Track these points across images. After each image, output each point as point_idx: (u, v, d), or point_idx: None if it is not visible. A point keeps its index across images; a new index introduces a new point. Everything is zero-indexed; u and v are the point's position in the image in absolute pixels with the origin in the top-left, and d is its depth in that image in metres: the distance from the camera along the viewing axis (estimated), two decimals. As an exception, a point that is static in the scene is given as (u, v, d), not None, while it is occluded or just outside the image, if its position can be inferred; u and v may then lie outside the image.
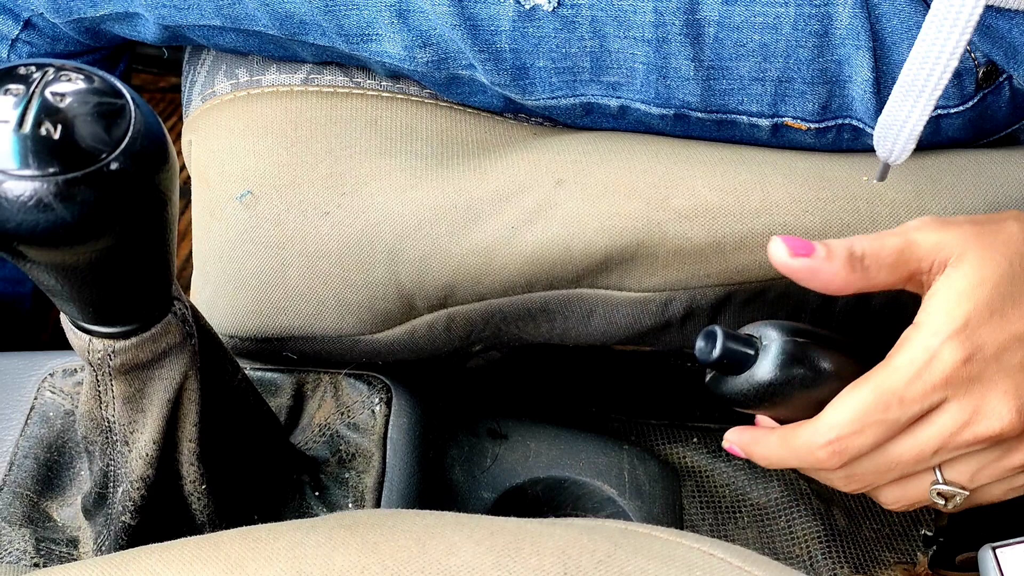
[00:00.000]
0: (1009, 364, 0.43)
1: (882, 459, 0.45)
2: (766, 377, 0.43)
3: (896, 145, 0.50)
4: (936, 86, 0.46)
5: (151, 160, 0.35)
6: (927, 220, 0.45)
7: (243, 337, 0.58)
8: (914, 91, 0.47)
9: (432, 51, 0.56)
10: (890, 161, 0.51)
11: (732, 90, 0.57)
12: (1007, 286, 0.43)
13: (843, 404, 0.44)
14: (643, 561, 0.36)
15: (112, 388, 0.42)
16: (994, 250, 0.43)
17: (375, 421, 0.56)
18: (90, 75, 0.35)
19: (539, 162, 0.58)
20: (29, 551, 0.49)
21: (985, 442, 0.44)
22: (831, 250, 0.44)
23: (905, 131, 0.49)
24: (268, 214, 0.57)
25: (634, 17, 0.54)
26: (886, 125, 0.49)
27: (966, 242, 0.44)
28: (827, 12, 0.54)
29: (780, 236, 0.44)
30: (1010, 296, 0.43)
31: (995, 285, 0.43)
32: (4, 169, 0.32)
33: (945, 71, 0.46)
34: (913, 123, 0.48)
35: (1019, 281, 0.43)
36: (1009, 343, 0.43)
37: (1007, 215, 0.45)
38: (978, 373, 0.43)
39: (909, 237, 0.45)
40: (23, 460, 0.52)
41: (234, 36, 0.59)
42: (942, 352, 0.42)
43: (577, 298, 0.59)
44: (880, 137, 0.50)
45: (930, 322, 0.43)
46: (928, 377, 0.43)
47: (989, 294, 0.43)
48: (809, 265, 0.44)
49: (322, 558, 0.35)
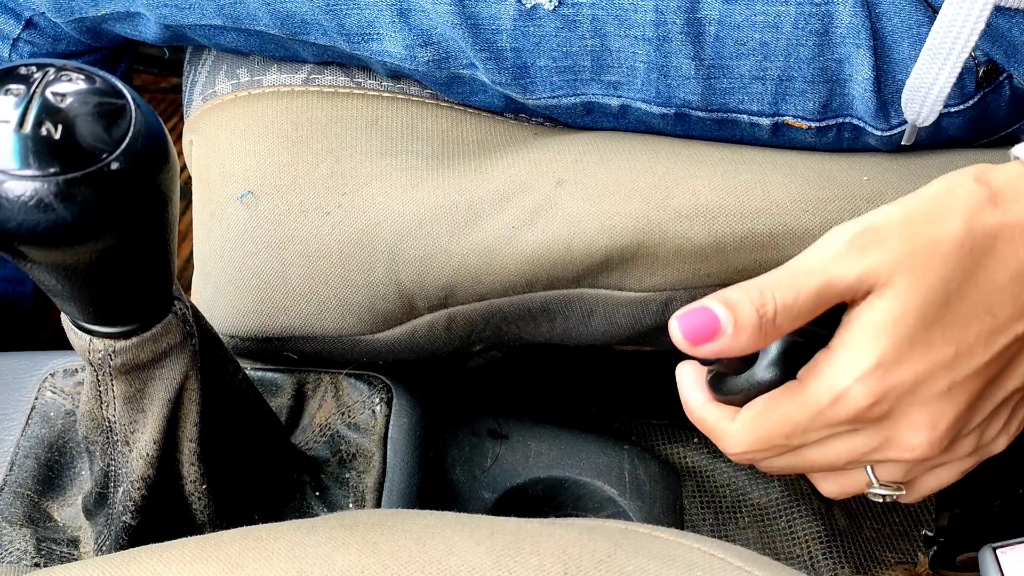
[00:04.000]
0: (927, 395, 0.39)
1: (797, 461, 0.43)
2: (767, 377, 0.43)
3: (924, 107, 0.49)
4: (963, 48, 0.46)
5: (152, 160, 0.35)
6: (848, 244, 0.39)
7: (244, 337, 0.58)
8: (942, 53, 0.47)
9: (433, 50, 0.56)
10: (917, 123, 0.50)
11: (733, 89, 0.57)
12: (938, 310, 0.38)
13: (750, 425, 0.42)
14: (644, 561, 0.36)
15: (113, 388, 0.42)
16: (927, 272, 0.38)
17: (376, 421, 0.56)
18: (91, 75, 0.35)
19: (540, 162, 0.58)
20: (30, 551, 0.49)
21: (899, 463, 0.42)
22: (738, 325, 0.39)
23: (933, 93, 0.48)
24: (269, 214, 0.57)
25: (635, 16, 0.54)
26: (914, 87, 0.49)
27: (894, 267, 0.38)
28: (827, 11, 0.54)
29: (677, 316, 0.39)
30: (939, 321, 0.38)
31: (921, 315, 0.38)
32: (5, 169, 0.32)
33: (972, 33, 0.45)
34: (941, 85, 0.48)
35: (955, 302, 0.38)
36: (929, 373, 0.39)
37: (950, 208, 0.39)
38: (888, 411, 0.39)
39: (828, 276, 0.39)
40: (24, 460, 0.52)
41: (235, 36, 0.59)
42: (848, 394, 0.39)
43: (578, 298, 0.59)
44: (908, 100, 0.50)
45: (839, 359, 0.39)
46: (832, 415, 0.40)
47: (912, 326, 0.38)
48: (714, 349, 0.39)
49: (323, 558, 0.35)
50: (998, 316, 0.39)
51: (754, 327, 0.39)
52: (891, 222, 0.39)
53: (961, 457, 0.42)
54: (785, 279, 0.39)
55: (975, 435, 0.42)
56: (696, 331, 0.39)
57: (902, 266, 0.38)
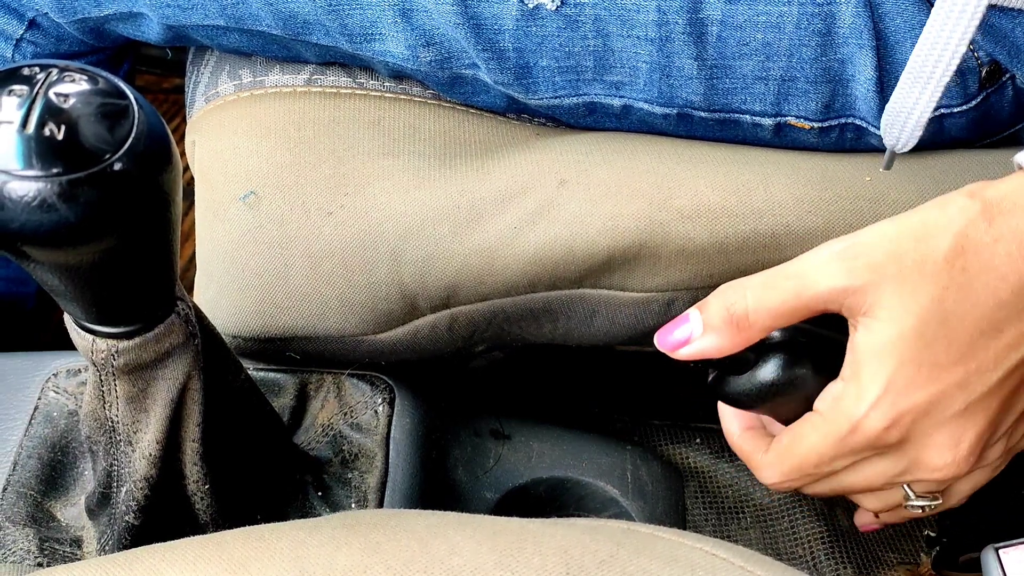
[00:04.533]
0: (943, 416, 0.39)
1: (835, 485, 0.44)
2: (768, 377, 0.43)
3: (903, 133, 0.49)
4: (944, 74, 0.45)
5: (154, 161, 0.35)
6: (834, 255, 0.39)
7: (246, 337, 0.58)
8: (921, 79, 0.46)
9: (435, 50, 0.56)
10: (896, 149, 0.50)
11: (735, 89, 0.57)
12: (937, 330, 0.37)
13: (780, 457, 0.43)
14: (646, 561, 0.36)
15: (116, 388, 0.42)
16: (917, 290, 0.37)
17: (378, 421, 0.56)
18: (94, 76, 0.35)
19: (542, 162, 0.58)
20: (33, 551, 0.49)
21: (929, 484, 0.42)
22: (707, 325, 0.39)
23: (912, 119, 0.48)
24: (271, 214, 0.57)
25: (637, 16, 0.54)
26: (893, 112, 0.48)
27: (880, 287, 0.38)
28: (830, 11, 0.54)
29: (657, 333, 0.41)
30: (941, 341, 0.38)
31: (919, 336, 0.37)
32: (8, 170, 0.32)
33: (953, 59, 0.45)
34: (920, 111, 0.47)
35: (955, 321, 0.38)
36: (942, 394, 0.38)
37: (941, 225, 0.38)
38: (906, 435, 0.39)
39: (807, 280, 0.39)
40: (27, 460, 0.52)
41: (237, 36, 0.60)
42: (865, 422, 0.39)
43: (580, 298, 0.59)
44: (887, 124, 0.49)
45: (850, 389, 0.39)
46: (853, 443, 0.40)
47: (912, 347, 0.38)
48: (692, 351, 0.40)
49: (325, 558, 0.35)
50: (1005, 333, 0.38)
51: (724, 325, 0.40)
52: (880, 239, 0.39)
53: (991, 462, 0.43)
54: (763, 279, 0.40)
55: (1003, 442, 0.42)
56: (670, 339, 0.41)
57: (890, 284, 0.38)
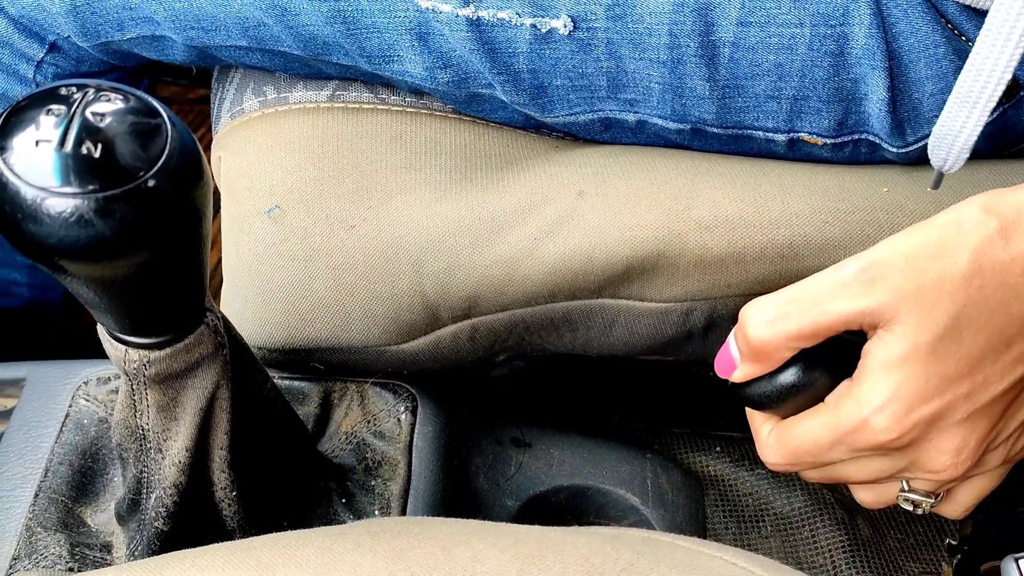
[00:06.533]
0: (947, 423, 0.40)
1: (832, 473, 0.45)
2: (788, 381, 0.44)
3: (951, 155, 0.49)
4: (991, 97, 0.46)
5: (186, 177, 0.36)
6: (854, 277, 0.40)
7: (271, 348, 0.59)
8: (969, 101, 0.47)
9: (452, 72, 0.57)
10: (944, 170, 0.50)
11: (747, 108, 0.57)
12: (950, 345, 0.39)
13: (779, 439, 0.44)
14: (666, 570, 0.37)
15: (147, 397, 0.43)
16: (935, 308, 0.38)
17: (401, 429, 0.57)
18: (128, 95, 0.36)
19: (561, 175, 0.58)
20: (64, 556, 0.50)
21: (927, 484, 0.43)
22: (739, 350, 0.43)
23: (960, 140, 0.48)
24: (295, 228, 0.58)
25: (649, 39, 0.55)
26: (940, 135, 0.49)
27: (898, 304, 0.39)
28: (843, 32, 0.54)
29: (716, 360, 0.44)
30: (953, 354, 0.39)
31: (932, 350, 0.39)
32: (46, 187, 0.33)
33: (1000, 83, 0.46)
34: (968, 132, 0.48)
35: (968, 336, 0.39)
36: (949, 404, 0.40)
37: (958, 243, 0.39)
38: (909, 440, 0.41)
39: (825, 305, 0.40)
40: (58, 466, 0.53)
41: (260, 56, 0.61)
42: (869, 423, 0.40)
43: (599, 308, 0.59)
44: (934, 146, 0.50)
45: (859, 391, 0.41)
46: (854, 441, 0.42)
47: (924, 360, 0.39)
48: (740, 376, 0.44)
49: (350, 564, 0.36)
50: (1013, 347, 0.39)
51: (750, 353, 0.42)
52: (896, 256, 0.40)
53: (992, 469, 0.43)
54: (780, 306, 0.42)
55: (1003, 448, 0.43)
56: (721, 363, 0.44)
57: (908, 302, 0.39)
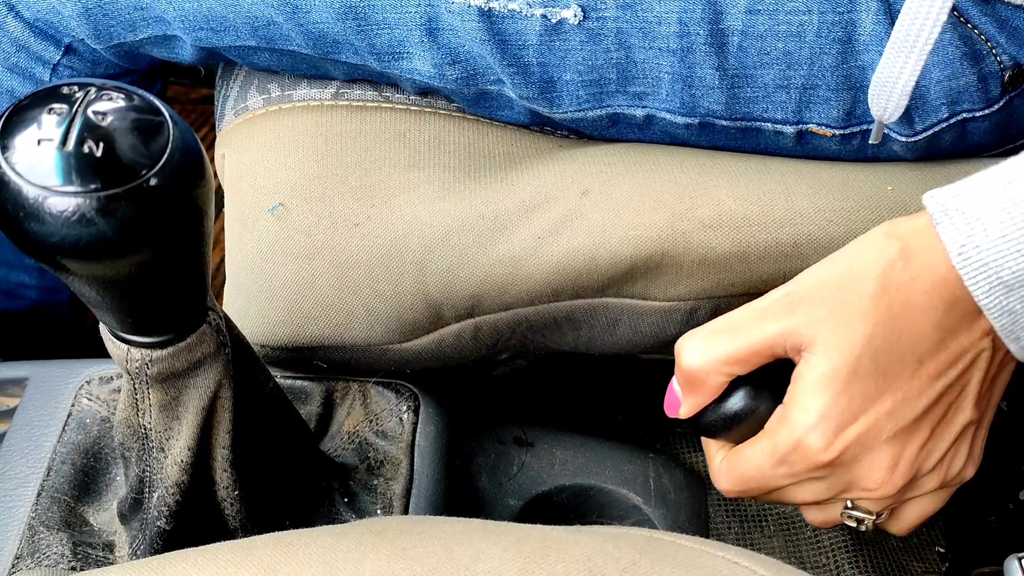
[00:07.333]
0: (876, 441, 0.42)
1: (781, 496, 0.46)
2: (733, 409, 0.45)
3: (889, 103, 0.50)
4: (926, 41, 0.47)
5: (188, 176, 0.36)
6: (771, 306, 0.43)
7: (274, 346, 0.59)
8: (905, 48, 0.48)
9: (461, 67, 0.57)
10: (884, 119, 0.51)
11: (757, 98, 0.57)
12: (868, 363, 0.41)
13: (727, 466, 0.46)
14: (668, 569, 0.37)
15: (149, 396, 0.43)
16: (849, 329, 0.40)
17: (403, 429, 0.57)
18: (130, 94, 0.36)
19: (565, 173, 0.58)
20: (66, 555, 0.50)
21: (868, 502, 0.45)
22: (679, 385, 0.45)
23: (898, 87, 0.50)
24: (299, 226, 0.58)
25: (659, 28, 0.55)
26: (880, 83, 0.50)
27: (816, 325, 0.41)
28: (851, 19, 0.54)
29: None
30: (872, 373, 0.41)
31: (852, 370, 0.41)
32: (48, 186, 0.33)
33: (935, 26, 0.47)
34: (904, 80, 0.49)
35: (883, 355, 0.41)
36: (875, 421, 0.41)
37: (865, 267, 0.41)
38: (842, 457, 0.42)
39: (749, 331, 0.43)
40: (60, 466, 0.53)
41: (268, 55, 0.61)
42: (803, 443, 0.42)
43: (603, 307, 0.59)
44: (874, 95, 0.51)
45: (791, 414, 0.42)
46: (791, 462, 0.43)
47: (846, 379, 0.41)
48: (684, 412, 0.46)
49: (353, 563, 0.36)
50: (927, 364, 0.41)
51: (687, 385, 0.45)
52: (812, 283, 0.42)
53: (932, 490, 0.45)
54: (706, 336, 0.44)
55: (940, 470, 0.44)
56: (668, 403, 0.47)
57: (823, 325, 0.41)
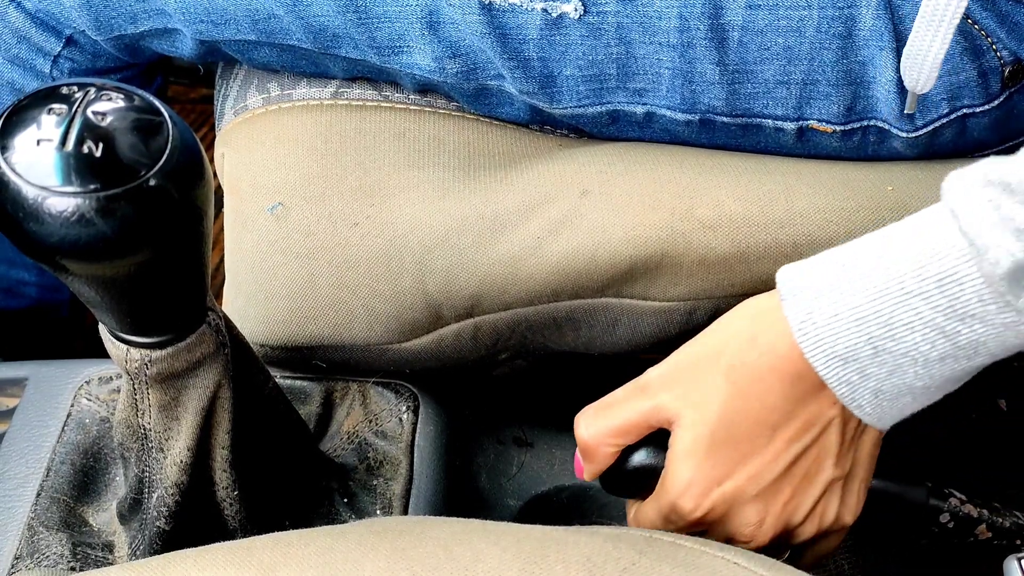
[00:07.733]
0: (743, 500, 0.46)
1: None
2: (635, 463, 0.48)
3: (921, 74, 0.52)
4: (955, 13, 0.49)
5: (188, 176, 0.36)
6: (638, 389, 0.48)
7: (273, 346, 0.59)
8: (935, 19, 0.50)
9: (461, 62, 0.57)
10: (917, 90, 0.53)
11: (757, 93, 0.57)
12: (725, 434, 0.45)
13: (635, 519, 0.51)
14: (668, 569, 0.37)
15: (148, 396, 0.43)
16: (706, 406, 0.45)
17: (402, 429, 0.57)
18: (130, 94, 0.36)
19: (564, 173, 0.58)
20: (66, 555, 0.50)
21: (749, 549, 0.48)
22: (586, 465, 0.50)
23: (929, 58, 0.51)
24: (298, 225, 0.58)
25: (659, 23, 0.55)
26: (911, 55, 0.52)
27: (678, 401, 0.46)
28: (850, 14, 0.54)
29: None
30: (730, 442, 0.45)
31: (712, 440, 0.45)
32: (47, 186, 0.33)
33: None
34: (936, 50, 0.51)
35: (737, 427, 0.45)
36: (738, 484, 0.46)
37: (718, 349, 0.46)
38: (712, 517, 0.47)
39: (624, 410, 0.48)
40: (60, 466, 0.53)
41: (268, 51, 0.61)
42: (679, 504, 0.47)
43: (602, 307, 0.59)
44: (907, 67, 0.53)
45: (667, 478, 0.47)
46: (675, 524, 0.48)
47: (707, 448, 0.45)
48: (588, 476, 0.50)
49: (352, 563, 0.36)
50: (780, 431, 0.45)
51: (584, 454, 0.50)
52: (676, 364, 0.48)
53: (811, 536, 0.48)
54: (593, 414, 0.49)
55: (812, 520, 0.48)
56: (577, 468, 0.51)
57: (683, 401, 0.46)
